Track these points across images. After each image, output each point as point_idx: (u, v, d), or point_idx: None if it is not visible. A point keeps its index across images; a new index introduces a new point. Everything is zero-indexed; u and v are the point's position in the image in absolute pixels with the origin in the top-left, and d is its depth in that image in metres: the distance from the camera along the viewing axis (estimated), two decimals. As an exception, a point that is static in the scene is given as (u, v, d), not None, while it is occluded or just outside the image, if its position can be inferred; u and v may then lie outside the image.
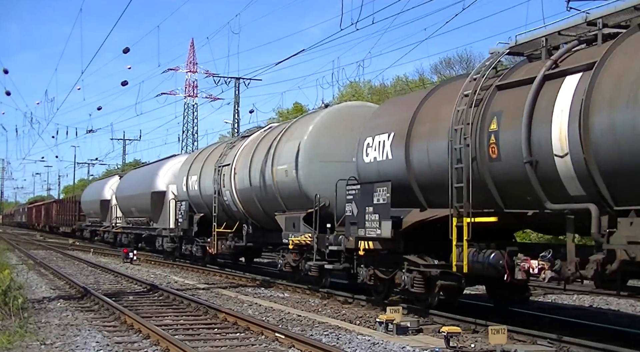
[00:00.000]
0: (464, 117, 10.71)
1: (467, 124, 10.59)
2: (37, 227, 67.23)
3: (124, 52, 23.55)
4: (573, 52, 9.79)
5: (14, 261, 28.31)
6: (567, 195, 9.17)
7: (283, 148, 17.22)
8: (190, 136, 71.49)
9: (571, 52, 9.81)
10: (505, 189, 10.21)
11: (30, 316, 12.59)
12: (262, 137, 19.53)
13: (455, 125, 10.79)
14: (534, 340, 10.53)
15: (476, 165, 10.47)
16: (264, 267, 25.19)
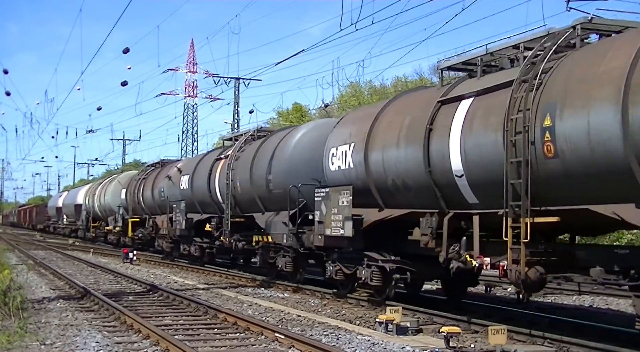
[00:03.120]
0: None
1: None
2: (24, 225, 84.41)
3: (124, 52, 23.54)
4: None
5: (13, 261, 28.31)
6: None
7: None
8: (190, 136, 71.46)
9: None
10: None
11: (30, 316, 12.59)
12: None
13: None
14: (533, 340, 10.54)
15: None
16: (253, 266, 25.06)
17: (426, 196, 12.09)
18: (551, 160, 9.23)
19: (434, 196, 11.87)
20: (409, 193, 12.60)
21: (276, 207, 18.11)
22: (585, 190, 9.02)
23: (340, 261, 15.22)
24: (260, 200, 19.14)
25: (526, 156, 9.51)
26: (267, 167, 18.46)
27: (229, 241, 21.39)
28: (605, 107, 8.47)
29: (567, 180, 9.17)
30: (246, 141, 21.42)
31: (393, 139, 12.89)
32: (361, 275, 14.31)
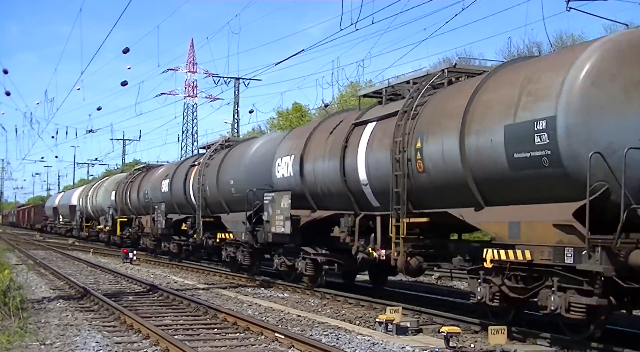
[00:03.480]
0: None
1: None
2: (22, 225, 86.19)
3: (124, 52, 23.54)
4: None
5: (13, 261, 28.32)
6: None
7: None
8: (190, 136, 71.52)
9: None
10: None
11: (30, 316, 12.59)
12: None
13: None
14: (534, 340, 10.54)
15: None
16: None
17: (344, 200, 14.90)
18: (422, 175, 12.00)
19: (349, 200, 14.69)
20: (333, 198, 15.40)
21: (238, 208, 20.18)
22: (444, 198, 11.72)
23: (284, 254, 18.10)
24: (225, 202, 21.62)
25: (405, 171, 12.35)
26: (230, 174, 21.10)
27: (201, 238, 23.80)
28: (451, 135, 11.12)
29: (433, 190, 11.93)
30: (216, 150, 23.93)
31: (320, 154, 15.72)
32: (298, 266, 17.20)
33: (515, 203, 10.26)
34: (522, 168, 9.81)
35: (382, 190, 13.25)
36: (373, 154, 13.57)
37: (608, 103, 9.12)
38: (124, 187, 35.92)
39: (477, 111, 10.77)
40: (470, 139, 10.73)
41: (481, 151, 10.55)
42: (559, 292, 9.53)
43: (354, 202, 14.56)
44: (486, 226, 11.00)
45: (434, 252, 12.99)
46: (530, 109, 9.67)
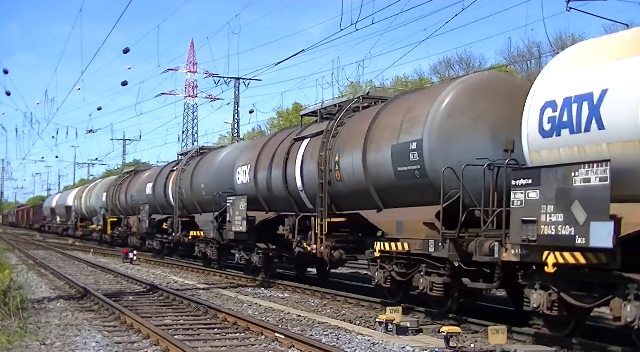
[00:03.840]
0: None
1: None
2: (21, 225, 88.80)
3: (124, 52, 23.57)
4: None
5: (13, 261, 28.32)
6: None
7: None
8: (190, 136, 71.54)
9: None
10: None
11: (30, 316, 12.60)
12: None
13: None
14: (534, 340, 10.54)
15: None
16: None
17: (287, 203, 17.57)
18: (339, 183, 14.89)
19: (291, 204, 17.40)
20: (279, 201, 18.04)
21: (208, 209, 23.00)
22: (356, 201, 14.43)
23: (243, 250, 20.88)
24: (198, 204, 24.43)
25: (327, 179, 15.19)
26: (201, 178, 24.06)
27: (178, 236, 26.64)
28: (358, 151, 13.91)
29: (348, 195, 14.74)
30: (191, 157, 26.77)
31: (269, 164, 18.35)
32: (254, 260, 20.11)
33: (401, 206, 13.03)
34: (403, 178, 12.63)
35: (314, 195, 15.98)
36: (306, 165, 16.45)
37: (460, 130, 11.85)
38: (114, 189, 38.49)
39: (375, 133, 13.63)
40: (370, 155, 13.62)
41: (377, 165, 13.37)
42: (426, 275, 12.27)
43: (295, 205, 17.33)
44: (382, 224, 13.79)
45: (353, 246, 15.92)
46: (407, 133, 12.50)
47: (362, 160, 13.76)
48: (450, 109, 11.93)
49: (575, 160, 8.97)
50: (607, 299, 9.04)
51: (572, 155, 9.17)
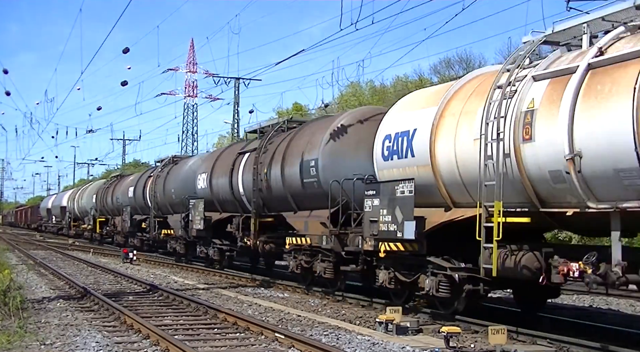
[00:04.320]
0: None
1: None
2: (20, 225, 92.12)
3: (124, 52, 23.51)
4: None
5: (13, 261, 28.30)
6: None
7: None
8: (190, 136, 71.56)
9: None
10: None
11: (30, 316, 12.59)
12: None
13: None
14: (534, 340, 10.54)
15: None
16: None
17: (234, 205, 21.30)
18: (269, 190, 18.36)
19: (236, 206, 21.05)
20: (228, 204, 21.77)
21: (178, 210, 26.52)
22: (279, 205, 18.17)
23: (202, 245, 24.48)
24: (170, 206, 28.05)
25: (259, 187, 18.91)
26: (172, 183, 27.80)
27: (154, 234, 30.36)
28: (278, 166, 17.69)
29: (275, 199, 18.24)
30: (166, 164, 30.74)
31: (221, 172, 22.01)
32: (210, 254, 23.81)
33: (308, 209, 16.64)
34: (307, 188, 16.36)
35: (250, 199, 19.64)
36: (246, 175, 19.89)
37: (344, 152, 15.64)
38: (102, 192, 42.06)
39: (290, 151, 17.32)
40: (286, 168, 17.28)
41: (291, 176, 17.01)
42: (322, 262, 15.97)
43: (239, 207, 20.84)
44: (295, 223, 17.28)
45: (281, 241, 18.45)
46: (309, 153, 16.26)
47: (280, 173, 17.62)
48: (337, 134, 15.94)
49: (399, 178, 12.55)
50: (419, 275, 12.62)
51: (399, 174, 12.79)
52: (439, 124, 11.90)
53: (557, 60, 10.31)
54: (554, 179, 9.51)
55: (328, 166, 15.56)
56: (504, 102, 10.37)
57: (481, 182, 10.57)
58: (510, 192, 10.26)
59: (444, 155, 11.63)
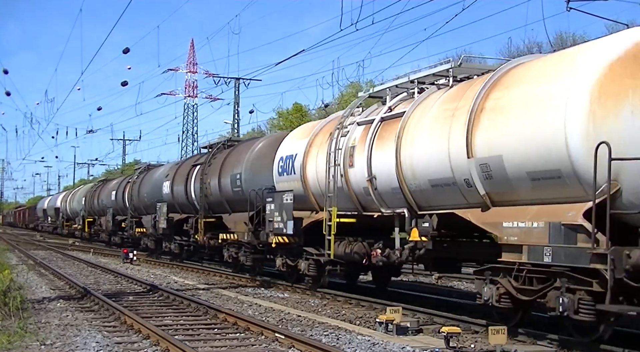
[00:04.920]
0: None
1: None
2: (19, 225, 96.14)
3: (124, 52, 23.58)
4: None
5: (14, 261, 28.32)
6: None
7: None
8: (190, 136, 71.59)
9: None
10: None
11: (30, 316, 12.59)
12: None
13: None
14: (534, 340, 10.53)
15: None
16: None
17: (189, 207, 25.71)
18: (211, 196, 23.08)
19: (191, 208, 25.47)
20: (185, 206, 26.04)
21: (149, 212, 30.76)
22: (218, 208, 22.85)
23: (166, 241, 28.92)
24: (144, 208, 32.29)
25: (204, 193, 23.51)
26: (145, 189, 32.10)
27: (131, 233, 34.22)
28: (216, 177, 22.35)
29: (215, 204, 23.01)
30: (141, 171, 34.86)
31: (180, 181, 26.37)
32: (171, 248, 28.48)
33: (238, 212, 20.77)
34: (236, 195, 20.89)
35: (199, 203, 24.29)
36: (195, 184, 24.54)
37: (261, 168, 19.85)
38: (90, 194, 46.42)
39: (225, 166, 22.04)
40: (222, 179, 21.94)
41: (225, 186, 21.72)
42: (245, 254, 20.69)
43: (193, 210, 25.21)
44: (228, 223, 21.80)
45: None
46: (237, 168, 21.02)
47: (217, 183, 22.30)
48: (259, 154, 20.41)
49: (286, 189, 17.15)
50: (298, 261, 17.39)
51: (286, 187, 17.31)
52: (308, 152, 16.78)
53: (373, 111, 15.05)
54: (365, 193, 14.18)
55: (249, 179, 20.23)
56: (340, 139, 15.09)
57: (325, 193, 15.26)
58: (343, 201, 14.95)
59: (311, 173, 16.42)
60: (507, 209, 10.69)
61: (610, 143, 8.63)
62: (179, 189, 26.21)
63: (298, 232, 16.71)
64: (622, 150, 8.72)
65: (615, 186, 8.81)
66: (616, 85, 9.06)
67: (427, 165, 12.12)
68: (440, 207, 12.31)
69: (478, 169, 10.90)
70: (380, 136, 13.71)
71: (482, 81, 11.57)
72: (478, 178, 10.95)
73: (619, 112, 8.92)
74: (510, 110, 10.38)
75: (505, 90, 10.76)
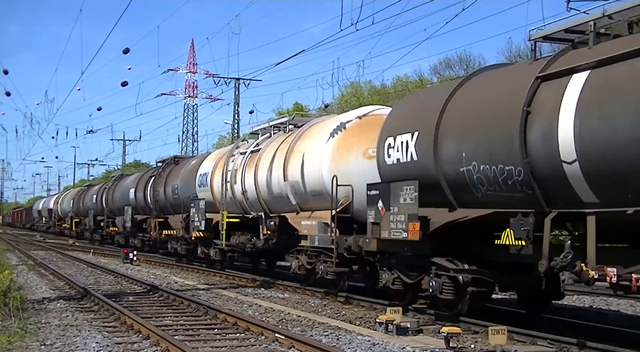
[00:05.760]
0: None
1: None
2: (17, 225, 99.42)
3: (124, 52, 23.52)
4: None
5: (14, 262, 28.30)
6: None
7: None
8: (190, 137, 71.69)
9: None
10: None
11: (30, 317, 12.59)
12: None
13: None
14: (534, 340, 10.54)
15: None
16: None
17: (147, 210, 30.93)
18: (161, 201, 30.02)
19: (148, 211, 30.12)
20: (144, 209, 31.16)
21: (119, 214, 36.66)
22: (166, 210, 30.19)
23: (132, 238, 34.59)
24: (117, 210, 37.43)
25: (155, 199, 30.26)
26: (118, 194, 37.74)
27: (106, 231, 40.78)
28: (162, 186, 29.69)
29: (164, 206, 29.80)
30: (116, 179, 41.11)
31: (140, 188, 31.61)
32: (135, 243, 34.47)
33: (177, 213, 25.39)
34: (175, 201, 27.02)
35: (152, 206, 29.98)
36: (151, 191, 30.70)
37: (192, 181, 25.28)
38: (77, 198, 52.53)
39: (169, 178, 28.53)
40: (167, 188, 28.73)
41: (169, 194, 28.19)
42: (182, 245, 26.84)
43: (150, 212, 30.19)
44: (171, 222, 27.51)
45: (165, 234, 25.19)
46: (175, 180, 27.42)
47: (164, 191, 28.64)
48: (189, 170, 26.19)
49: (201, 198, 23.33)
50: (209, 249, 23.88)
51: (203, 196, 23.05)
52: (214, 171, 23.02)
53: (250, 145, 20.80)
54: (243, 202, 20.29)
55: (183, 188, 26.26)
56: (230, 164, 21.36)
57: (221, 201, 21.61)
58: (232, 207, 21.17)
59: (216, 186, 22.48)
60: (305, 213, 16.95)
61: (339, 176, 14.98)
62: (140, 195, 32.89)
63: (209, 229, 22.91)
64: (352, 181, 14.99)
65: (348, 200, 15.09)
66: (347, 142, 15.61)
67: (268, 184, 18.43)
68: (278, 211, 18.41)
69: (290, 188, 17.17)
70: (249, 164, 19.94)
71: (295, 133, 18.08)
72: (291, 193, 17.22)
73: (348, 158, 15.44)
74: (303, 153, 16.67)
75: (303, 141, 17.26)
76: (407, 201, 11.86)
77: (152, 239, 31.05)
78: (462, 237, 11.84)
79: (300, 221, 16.84)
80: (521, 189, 9.91)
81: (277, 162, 17.65)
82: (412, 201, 11.73)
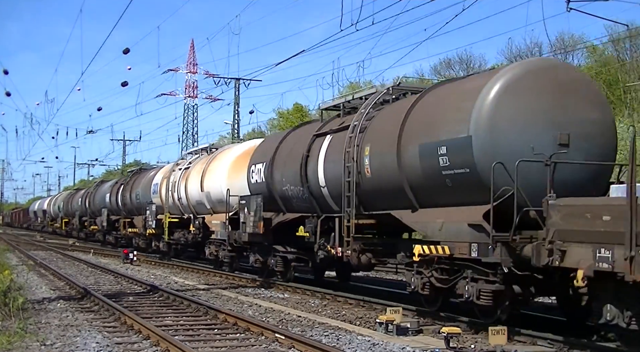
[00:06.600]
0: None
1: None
2: (15, 225, 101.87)
3: (124, 52, 23.51)
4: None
5: (14, 262, 28.31)
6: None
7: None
8: (191, 137, 71.64)
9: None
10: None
11: (30, 317, 12.60)
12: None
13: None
14: (534, 340, 10.54)
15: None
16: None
17: (119, 212, 35.58)
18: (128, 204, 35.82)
19: (120, 212, 35.36)
20: (117, 211, 36.26)
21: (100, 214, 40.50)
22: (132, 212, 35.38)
23: (108, 235, 39.10)
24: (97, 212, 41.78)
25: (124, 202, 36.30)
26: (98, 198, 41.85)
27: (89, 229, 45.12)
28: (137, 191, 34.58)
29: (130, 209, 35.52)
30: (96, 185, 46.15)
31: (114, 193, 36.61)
32: (109, 240, 39.06)
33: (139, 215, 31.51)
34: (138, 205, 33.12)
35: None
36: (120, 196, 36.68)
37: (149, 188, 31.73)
38: (66, 200, 57.35)
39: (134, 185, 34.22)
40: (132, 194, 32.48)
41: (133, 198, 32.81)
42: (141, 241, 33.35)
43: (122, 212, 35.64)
44: (135, 222, 31.10)
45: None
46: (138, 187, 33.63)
47: (130, 196, 32.31)
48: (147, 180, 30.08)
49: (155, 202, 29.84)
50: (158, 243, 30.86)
51: (156, 201, 29.70)
52: (162, 183, 28.28)
53: (186, 163, 26.51)
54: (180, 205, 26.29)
55: (143, 194, 32.67)
56: (171, 177, 27.26)
57: (165, 205, 27.04)
58: (174, 210, 26.77)
59: (163, 194, 27.91)
60: (215, 214, 23.02)
61: (231, 189, 20.93)
62: (113, 199, 38.08)
63: (159, 227, 28.42)
64: (239, 192, 20.15)
65: (237, 206, 19.91)
66: (237, 165, 21.83)
67: (192, 195, 25.20)
68: (202, 213, 24.71)
69: (205, 196, 23.80)
70: (183, 177, 26.29)
71: (211, 156, 24.91)
72: (206, 200, 23.81)
73: (237, 177, 21.22)
74: (214, 171, 23.37)
75: (214, 162, 23.93)
76: (257, 208, 17.96)
77: (122, 235, 36.79)
78: (288, 231, 17.74)
79: (212, 220, 23.47)
80: (309, 201, 16.13)
81: (198, 177, 24.54)
82: (260, 208, 17.90)
